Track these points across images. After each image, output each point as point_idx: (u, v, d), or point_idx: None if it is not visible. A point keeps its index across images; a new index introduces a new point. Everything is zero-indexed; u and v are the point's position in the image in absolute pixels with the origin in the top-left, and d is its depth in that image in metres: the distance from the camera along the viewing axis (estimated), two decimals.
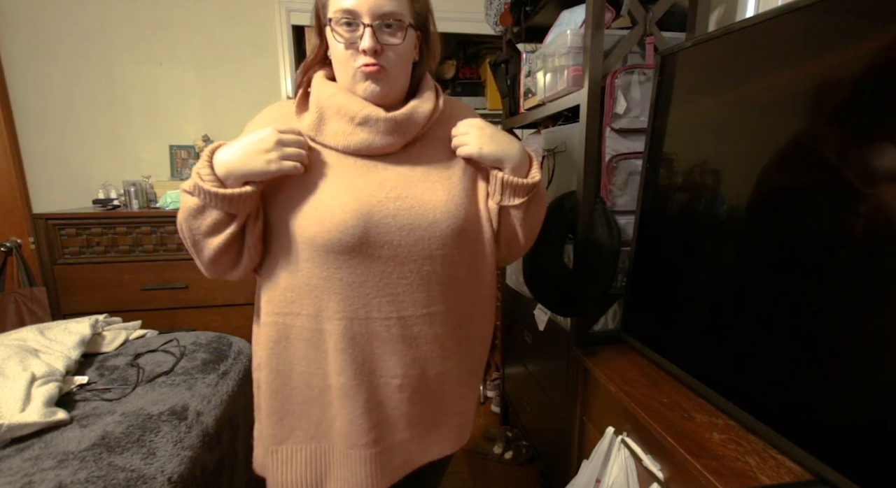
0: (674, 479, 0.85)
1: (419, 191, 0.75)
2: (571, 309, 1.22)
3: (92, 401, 1.10)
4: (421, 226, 0.73)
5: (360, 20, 0.68)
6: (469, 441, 1.31)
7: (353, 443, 0.79)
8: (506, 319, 2.00)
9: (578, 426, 1.27)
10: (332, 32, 0.70)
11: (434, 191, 0.76)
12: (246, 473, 1.22)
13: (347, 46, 0.70)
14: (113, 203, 1.97)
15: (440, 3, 2.32)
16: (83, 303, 1.85)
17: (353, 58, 0.71)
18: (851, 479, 0.65)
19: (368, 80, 0.72)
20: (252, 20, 2.27)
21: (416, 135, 0.77)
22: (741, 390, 0.86)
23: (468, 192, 0.79)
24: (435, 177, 0.77)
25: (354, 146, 0.74)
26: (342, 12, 0.68)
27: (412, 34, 0.73)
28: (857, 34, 0.67)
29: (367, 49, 0.68)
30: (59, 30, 2.12)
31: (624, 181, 1.24)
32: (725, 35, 0.92)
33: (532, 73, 1.54)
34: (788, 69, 0.78)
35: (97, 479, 0.83)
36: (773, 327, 0.79)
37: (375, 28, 0.69)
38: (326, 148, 0.75)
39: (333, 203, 0.71)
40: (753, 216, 0.84)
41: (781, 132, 0.79)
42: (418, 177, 0.76)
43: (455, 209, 0.76)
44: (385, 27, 0.70)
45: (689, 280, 1.02)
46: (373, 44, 0.68)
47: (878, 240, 0.63)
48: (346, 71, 0.73)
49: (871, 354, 0.64)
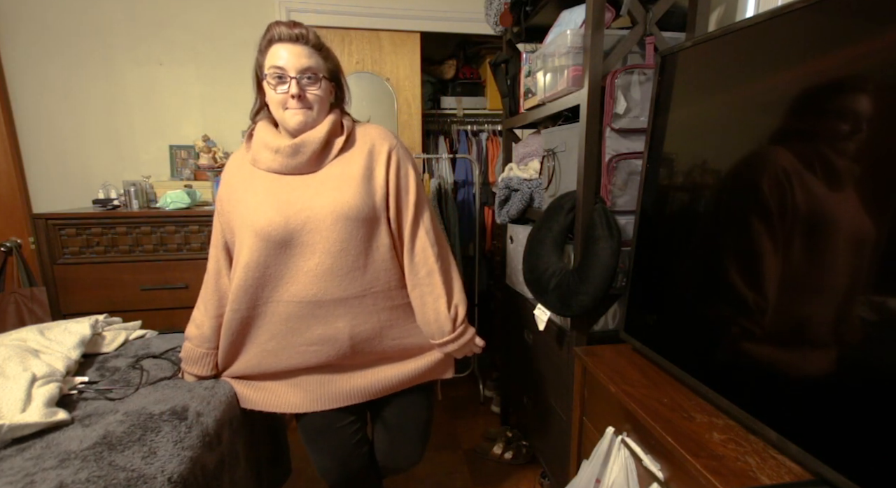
0: (674, 479, 0.85)
1: (318, 200, 0.99)
2: (571, 309, 1.22)
3: (94, 401, 1.10)
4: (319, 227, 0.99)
5: (287, 74, 0.95)
6: (469, 441, 1.32)
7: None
8: (506, 319, 2.00)
9: (578, 426, 1.27)
10: (268, 84, 0.97)
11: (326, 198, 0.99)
12: (246, 474, 1.22)
13: (279, 93, 0.96)
14: (113, 203, 1.97)
15: (440, 3, 2.33)
16: (83, 303, 1.85)
17: (283, 102, 0.97)
18: (851, 479, 0.65)
19: (296, 117, 0.98)
20: (252, 20, 2.27)
21: (328, 158, 1.02)
22: (741, 390, 0.86)
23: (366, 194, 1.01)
24: (336, 186, 1.00)
25: (277, 168, 1.02)
26: (275, 68, 0.95)
27: (326, 84, 1.00)
28: (857, 34, 0.67)
29: (294, 94, 0.95)
30: (59, 30, 2.12)
31: (624, 181, 1.24)
32: (725, 35, 0.92)
33: (532, 73, 1.54)
34: (789, 69, 0.78)
35: (98, 479, 0.83)
36: (774, 327, 0.80)
37: (298, 79, 0.95)
38: (261, 171, 1.03)
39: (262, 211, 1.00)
40: (753, 216, 0.84)
41: (781, 132, 0.79)
42: (321, 189, 1.00)
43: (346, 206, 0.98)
44: (305, 79, 0.96)
45: (690, 280, 1.02)
46: (298, 90, 0.95)
47: (884, 240, 0.64)
48: (278, 111, 0.99)
49: (872, 354, 0.65)
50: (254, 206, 1.00)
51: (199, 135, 2.27)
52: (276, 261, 1.00)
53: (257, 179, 1.03)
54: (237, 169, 1.07)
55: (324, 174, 1.02)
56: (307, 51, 0.96)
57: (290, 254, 1.00)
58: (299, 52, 0.95)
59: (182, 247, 1.89)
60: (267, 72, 0.95)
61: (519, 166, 1.77)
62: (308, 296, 1.01)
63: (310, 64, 0.95)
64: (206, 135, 2.26)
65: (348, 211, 0.98)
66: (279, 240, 0.98)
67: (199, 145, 2.25)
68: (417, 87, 2.38)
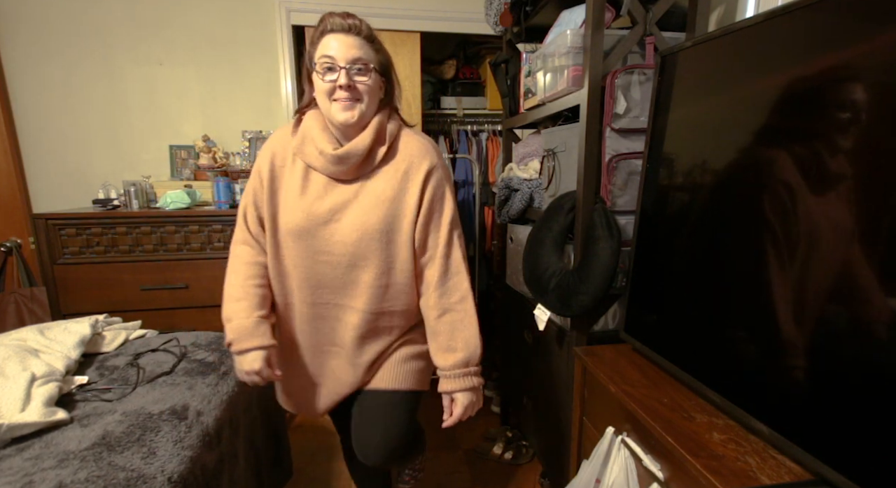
0: (674, 479, 0.85)
1: (351, 215, 1.00)
2: (571, 309, 1.22)
3: (92, 401, 1.10)
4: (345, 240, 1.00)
5: (337, 64, 0.92)
6: (469, 441, 1.31)
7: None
8: (506, 319, 2.00)
9: (578, 426, 1.27)
10: (317, 74, 0.94)
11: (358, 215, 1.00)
12: (246, 473, 1.22)
13: (327, 81, 0.93)
14: (113, 203, 1.97)
15: (440, 3, 2.33)
16: (83, 303, 1.85)
17: (331, 91, 0.94)
18: (851, 479, 0.65)
19: (344, 111, 0.94)
20: (252, 20, 2.27)
21: (369, 167, 1.00)
22: (741, 390, 0.86)
23: (396, 216, 1.01)
24: (371, 202, 1.00)
25: (318, 168, 1.00)
26: (325, 57, 0.92)
27: (376, 76, 0.97)
28: (856, 34, 0.67)
29: (343, 84, 0.92)
30: (59, 30, 2.12)
31: (624, 181, 1.24)
32: (725, 35, 0.92)
33: (532, 73, 1.54)
34: (789, 69, 0.78)
35: (97, 479, 0.83)
36: (774, 327, 0.79)
37: (348, 69, 0.92)
38: (305, 162, 1.02)
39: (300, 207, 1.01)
40: (753, 216, 0.84)
41: (781, 132, 0.79)
42: (356, 204, 1.00)
43: (375, 226, 0.99)
44: (355, 69, 0.93)
45: (690, 280, 1.02)
46: (347, 80, 0.92)
47: (883, 240, 0.63)
48: (325, 102, 0.95)
49: (871, 354, 0.64)
50: (290, 203, 1.01)
51: (199, 135, 2.27)
52: (302, 260, 1.03)
53: (297, 171, 1.02)
54: (282, 149, 1.04)
55: (359, 188, 1.01)
56: (359, 41, 0.94)
57: (316, 260, 1.02)
58: (350, 42, 0.93)
59: (182, 247, 1.89)
60: (317, 61, 0.93)
61: (519, 166, 1.77)
62: (325, 300, 1.05)
63: (360, 54, 0.93)
64: (206, 135, 2.26)
65: (373, 233, 0.99)
66: (303, 238, 1.01)
67: (199, 145, 2.25)
68: (417, 87, 2.38)
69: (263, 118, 2.34)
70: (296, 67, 2.34)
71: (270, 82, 2.33)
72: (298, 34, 2.36)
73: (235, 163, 2.30)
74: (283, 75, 2.32)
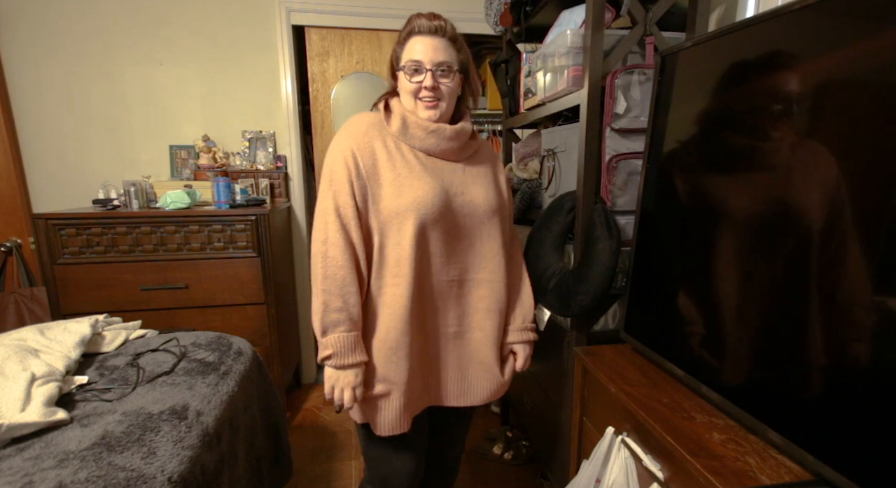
0: (674, 479, 0.85)
1: (473, 189, 1.05)
2: (571, 309, 1.22)
3: (92, 401, 1.10)
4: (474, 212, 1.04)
5: (423, 67, 0.97)
6: (469, 441, 1.31)
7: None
8: None
9: (578, 426, 1.27)
10: (404, 74, 0.99)
11: (479, 191, 1.06)
12: (246, 473, 1.22)
13: (413, 82, 0.99)
14: (113, 203, 1.97)
15: (440, 3, 2.33)
16: (83, 303, 1.85)
17: (416, 91, 0.99)
18: (851, 479, 0.65)
19: (428, 109, 1.00)
20: (252, 20, 2.27)
21: (468, 153, 1.08)
22: (741, 390, 0.86)
23: (499, 194, 1.10)
24: (481, 181, 1.08)
25: (427, 147, 1.03)
26: (412, 61, 0.98)
27: (457, 77, 1.02)
28: (856, 34, 0.67)
29: (429, 86, 0.98)
30: (59, 30, 2.12)
31: (624, 181, 1.24)
32: (725, 35, 0.92)
33: (532, 73, 1.54)
34: (789, 69, 0.78)
35: (97, 479, 0.83)
36: (774, 327, 0.79)
37: (433, 71, 0.97)
38: (409, 146, 1.03)
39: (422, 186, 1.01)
40: (753, 216, 0.84)
41: (781, 132, 0.79)
42: (471, 181, 1.07)
43: (493, 202, 1.07)
44: (440, 71, 0.98)
45: (689, 280, 1.02)
46: (433, 82, 0.98)
47: (883, 242, 0.63)
48: (410, 100, 1.01)
49: (871, 354, 0.64)
50: (412, 182, 0.98)
51: (199, 135, 2.27)
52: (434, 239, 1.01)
53: (406, 153, 1.01)
54: (378, 134, 1.01)
55: (467, 168, 1.07)
56: (444, 44, 0.99)
57: (448, 235, 1.02)
58: (436, 45, 0.98)
59: (182, 247, 1.89)
60: (404, 64, 0.99)
61: (519, 166, 1.77)
62: (452, 275, 1.05)
63: (444, 58, 0.98)
64: (206, 135, 2.26)
65: (495, 206, 1.07)
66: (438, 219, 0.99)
67: (199, 145, 2.25)
68: None
69: (263, 118, 2.34)
70: (296, 67, 2.34)
71: (270, 82, 2.33)
72: (298, 34, 2.36)
73: (235, 163, 2.30)
74: (283, 75, 2.32)
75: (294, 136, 2.38)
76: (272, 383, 1.54)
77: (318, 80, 2.34)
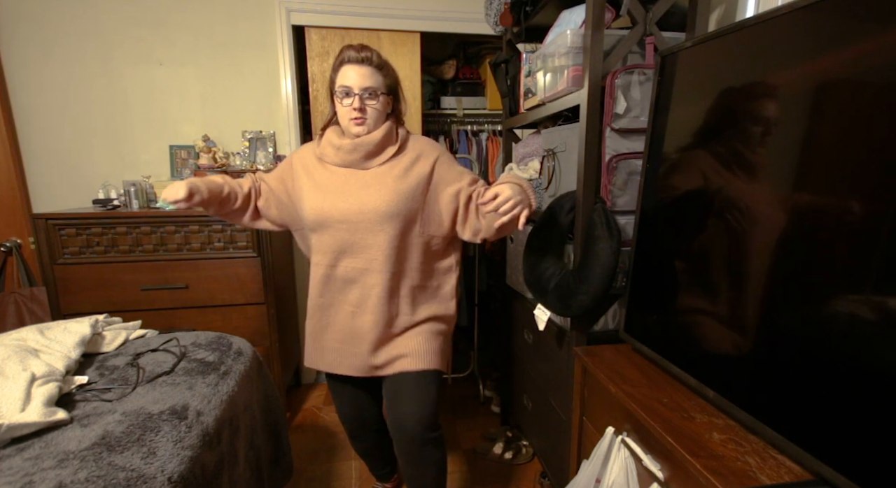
0: (674, 479, 0.85)
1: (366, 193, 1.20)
2: (571, 309, 1.22)
3: (92, 401, 1.10)
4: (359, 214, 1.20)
5: (352, 91, 1.16)
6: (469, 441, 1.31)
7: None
8: (506, 319, 2.00)
9: (578, 426, 1.27)
10: (338, 98, 1.19)
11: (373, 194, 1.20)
12: (246, 473, 1.22)
13: (345, 106, 1.18)
14: (113, 203, 1.97)
15: (440, 3, 2.33)
16: (83, 303, 1.85)
17: (348, 113, 1.18)
18: (851, 479, 0.65)
19: (356, 125, 1.19)
20: (252, 20, 2.27)
21: (381, 160, 1.23)
22: (741, 390, 0.86)
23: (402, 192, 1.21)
24: (384, 183, 1.21)
25: (336, 162, 1.25)
26: (342, 87, 1.17)
27: (384, 98, 1.21)
28: (857, 34, 0.67)
29: (357, 107, 1.16)
30: (58, 30, 2.12)
31: (624, 181, 1.24)
32: (725, 35, 0.92)
33: (532, 73, 1.54)
34: (788, 69, 0.78)
35: (97, 479, 0.83)
36: (773, 327, 0.80)
37: (361, 95, 1.16)
38: (326, 163, 1.27)
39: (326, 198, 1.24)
40: (753, 215, 0.84)
41: (781, 131, 0.79)
42: (374, 184, 1.21)
43: (389, 203, 1.19)
44: (367, 94, 1.17)
45: (689, 280, 1.02)
46: (360, 104, 1.16)
47: (883, 241, 0.63)
48: (345, 120, 1.20)
49: (871, 354, 0.64)
50: (310, 191, 1.24)
51: (199, 135, 2.27)
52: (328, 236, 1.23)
53: (319, 169, 1.26)
54: (309, 154, 1.30)
55: (371, 173, 1.23)
56: (370, 71, 1.16)
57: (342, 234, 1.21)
58: (364, 72, 1.16)
59: (182, 247, 1.89)
60: (337, 89, 1.18)
61: (519, 166, 1.77)
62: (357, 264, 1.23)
63: (370, 84, 1.16)
64: (206, 136, 2.26)
65: (386, 208, 1.18)
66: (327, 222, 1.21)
67: (199, 145, 2.24)
68: (417, 87, 2.38)
69: (263, 118, 2.34)
70: (296, 67, 2.34)
71: (270, 82, 2.33)
72: (298, 34, 2.36)
73: (235, 164, 2.30)
74: (283, 75, 2.32)
75: (294, 137, 2.38)
76: (272, 383, 1.54)
77: (318, 80, 2.34)
